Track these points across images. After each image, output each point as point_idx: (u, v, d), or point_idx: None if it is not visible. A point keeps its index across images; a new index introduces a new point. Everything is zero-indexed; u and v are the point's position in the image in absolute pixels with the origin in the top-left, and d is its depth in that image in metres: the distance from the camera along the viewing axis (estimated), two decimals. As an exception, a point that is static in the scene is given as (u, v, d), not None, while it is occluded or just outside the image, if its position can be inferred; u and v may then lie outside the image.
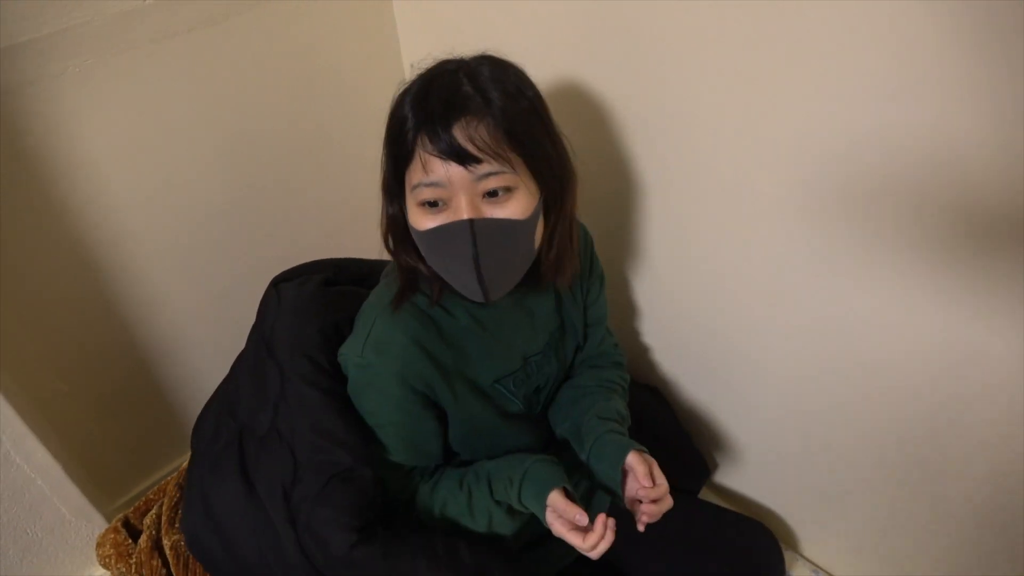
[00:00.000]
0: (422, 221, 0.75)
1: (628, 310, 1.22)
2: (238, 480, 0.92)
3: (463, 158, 0.70)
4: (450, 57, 0.77)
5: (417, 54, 1.28)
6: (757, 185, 0.90)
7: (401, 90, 0.76)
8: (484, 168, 0.71)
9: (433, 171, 0.71)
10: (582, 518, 0.76)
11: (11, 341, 1.03)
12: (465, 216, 0.72)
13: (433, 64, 0.77)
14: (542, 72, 0.82)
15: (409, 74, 0.77)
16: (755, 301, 1.01)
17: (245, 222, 1.24)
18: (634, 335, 1.25)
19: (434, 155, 0.71)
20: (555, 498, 0.79)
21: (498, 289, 0.78)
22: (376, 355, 0.82)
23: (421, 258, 0.82)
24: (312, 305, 0.95)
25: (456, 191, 0.72)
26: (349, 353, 0.85)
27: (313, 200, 1.33)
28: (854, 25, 0.70)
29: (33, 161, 0.96)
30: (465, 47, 0.79)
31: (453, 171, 0.71)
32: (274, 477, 0.89)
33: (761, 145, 0.86)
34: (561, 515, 0.78)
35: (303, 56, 1.18)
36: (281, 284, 1.01)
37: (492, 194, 0.73)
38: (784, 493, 1.21)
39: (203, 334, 1.27)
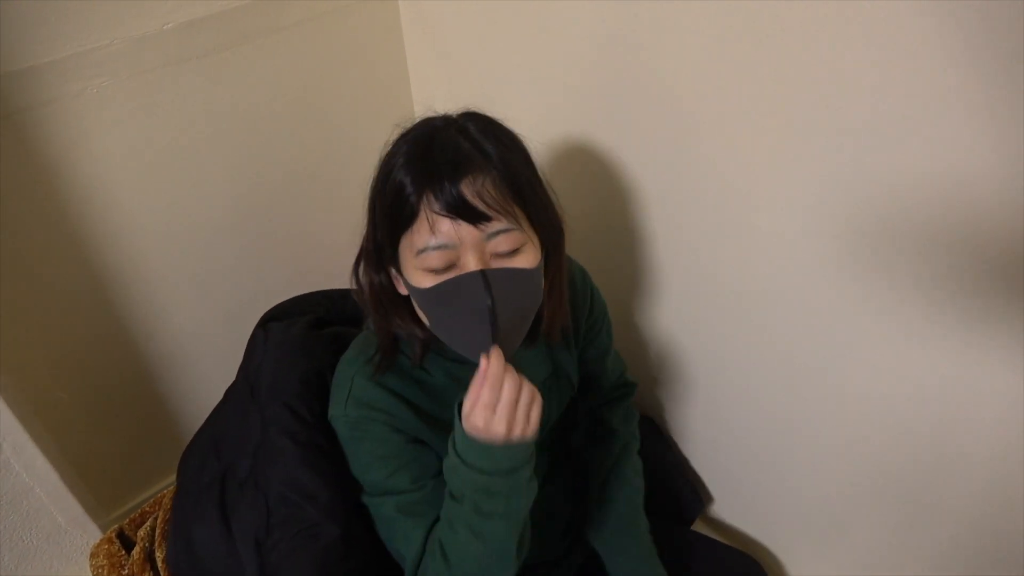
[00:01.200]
0: (426, 280, 0.71)
1: (630, 340, 1.23)
2: (218, 521, 0.91)
3: (474, 216, 0.68)
4: (433, 115, 0.76)
5: (426, 84, 1.33)
6: (765, 223, 0.90)
7: (387, 152, 0.74)
8: (494, 226, 0.69)
9: (441, 231, 0.68)
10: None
11: (15, 349, 1.05)
12: (474, 268, 0.69)
13: (418, 122, 0.75)
14: (552, 105, 0.81)
15: (392, 134, 0.75)
16: (760, 339, 1.01)
17: (252, 244, 1.26)
18: (636, 366, 1.25)
19: (442, 214, 0.68)
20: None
21: (510, 343, 0.73)
22: (360, 408, 0.79)
23: (416, 321, 0.79)
24: (296, 350, 0.93)
25: (465, 250, 0.69)
26: (336, 414, 0.82)
27: (320, 225, 1.35)
28: (870, 66, 0.71)
29: (50, 176, 0.99)
30: (473, 79, 0.79)
31: (463, 231, 0.68)
32: (248, 527, 0.87)
33: (772, 184, 0.87)
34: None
35: (313, 83, 1.21)
36: (270, 323, 0.98)
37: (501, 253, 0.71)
38: (776, 528, 1.20)
39: (206, 352, 1.29)
